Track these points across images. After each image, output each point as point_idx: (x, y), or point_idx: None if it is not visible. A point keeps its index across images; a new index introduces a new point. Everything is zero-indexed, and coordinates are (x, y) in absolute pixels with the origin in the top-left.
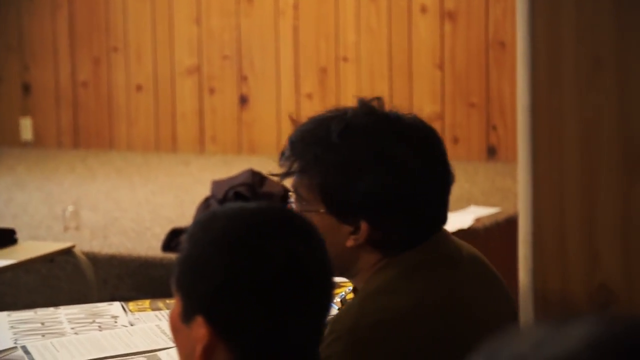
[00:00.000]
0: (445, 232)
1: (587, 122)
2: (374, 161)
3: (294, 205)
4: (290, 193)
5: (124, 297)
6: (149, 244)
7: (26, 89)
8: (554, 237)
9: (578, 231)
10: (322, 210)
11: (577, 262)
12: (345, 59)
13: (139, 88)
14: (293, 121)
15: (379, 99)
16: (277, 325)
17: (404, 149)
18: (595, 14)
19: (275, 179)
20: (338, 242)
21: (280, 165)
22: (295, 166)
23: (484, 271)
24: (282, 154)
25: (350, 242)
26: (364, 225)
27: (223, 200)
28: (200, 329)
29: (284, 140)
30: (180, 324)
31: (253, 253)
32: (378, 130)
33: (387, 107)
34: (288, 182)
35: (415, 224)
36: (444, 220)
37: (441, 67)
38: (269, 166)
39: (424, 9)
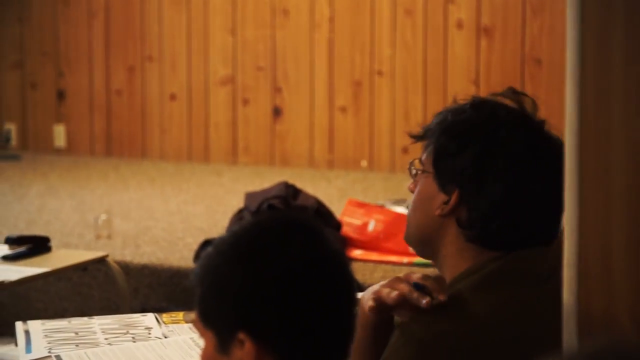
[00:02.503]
0: (553, 247)
1: (635, 144)
2: (484, 137)
3: (413, 169)
4: (415, 160)
5: (155, 307)
6: (180, 254)
7: (60, 95)
8: (599, 259)
9: (624, 254)
10: (430, 172)
11: (623, 286)
12: (380, 73)
13: (172, 97)
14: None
15: (533, 100)
16: (313, 326)
17: (517, 141)
18: None
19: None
20: (430, 208)
21: (420, 130)
22: (428, 130)
23: None
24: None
25: (438, 210)
26: (454, 196)
27: (257, 212)
28: (244, 345)
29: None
30: (219, 356)
31: (268, 253)
32: (504, 115)
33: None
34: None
35: (505, 220)
36: (542, 233)
37: (476, 82)
38: (301, 178)
39: (460, 24)
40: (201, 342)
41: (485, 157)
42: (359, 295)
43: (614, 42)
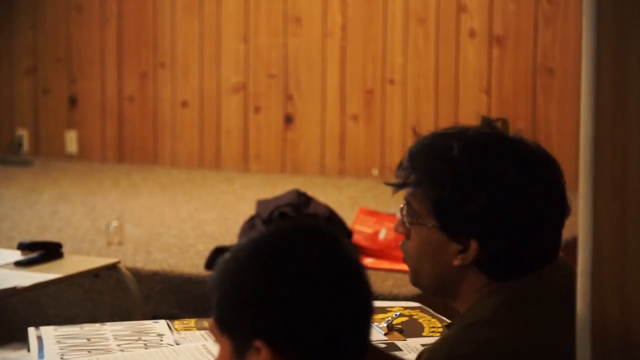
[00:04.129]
0: (561, 264)
1: None
2: (492, 180)
3: (403, 217)
4: (402, 205)
5: (166, 313)
6: (192, 261)
7: (72, 101)
8: (613, 269)
9: (639, 264)
10: (432, 225)
11: (638, 296)
12: (391, 81)
13: (184, 104)
14: (415, 134)
15: (504, 120)
16: (329, 335)
17: (523, 173)
18: None
19: (392, 189)
20: (445, 259)
21: (396, 176)
22: (412, 178)
23: None
24: (400, 164)
25: (457, 261)
26: (473, 245)
27: (268, 220)
28: (260, 353)
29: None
30: None
31: (287, 261)
32: (499, 150)
33: (518, 132)
34: (401, 194)
35: (525, 251)
36: (555, 251)
37: (488, 92)
38: (312, 186)
39: (472, 33)
40: (213, 350)
41: (497, 200)
42: None
43: (630, 52)
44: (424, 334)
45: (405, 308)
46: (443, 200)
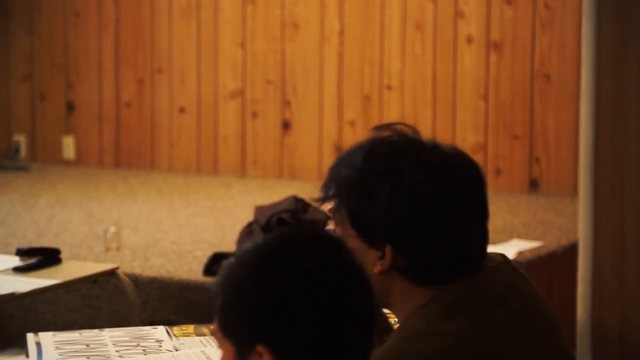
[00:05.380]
0: (496, 267)
1: None
2: (387, 184)
3: (335, 232)
4: (329, 220)
5: (164, 319)
6: (189, 267)
7: (70, 107)
8: (613, 275)
9: (638, 270)
10: (352, 234)
11: (637, 302)
12: (389, 87)
13: (182, 110)
14: (337, 150)
15: (414, 128)
16: (332, 340)
17: (420, 174)
18: None
19: (315, 204)
20: (369, 268)
21: (320, 191)
22: (331, 191)
23: (533, 311)
24: (325, 180)
25: (377, 268)
26: (388, 250)
27: (266, 226)
28: (263, 358)
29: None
30: None
31: (291, 267)
32: (399, 154)
33: (430, 137)
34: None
35: (442, 253)
36: (479, 253)
37: (485, 97)
38: (310, 192)
39: (469, 39)
40: (213, 356)
41: (398, 200)
42: None
43: (629, 59)
44: None
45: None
46: (353, 208)
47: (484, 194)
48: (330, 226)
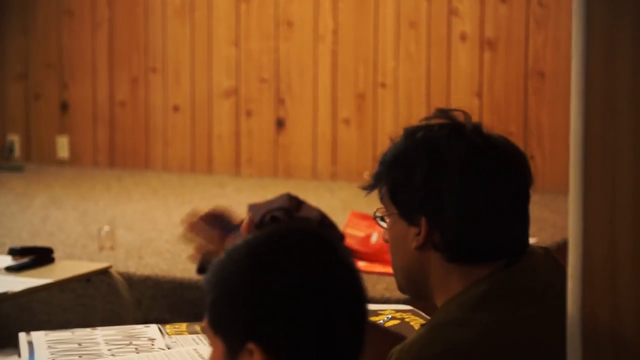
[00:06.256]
0: (538, 257)
1: None
2: (424, 159)
3: (379, 219)
4: (377, 209)
5: (158, 318)
6: (184, 266)
7: (64, 107)
8: (604, 272)
9: (630, 267)
10: (394, 212)
11: (628, 299)
12: (383, 85)
13: (176, 109)
14: (391, 140)
15: (465, 113)
16: (323, 338)
17: (462, 150)
18: None
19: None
20: (408, 246)
21: (370, 180)
22: (376, 176)
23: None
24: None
25: (414, 243)
26: (422, 224)
27: (260, 224)
28: (254, 355)
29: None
30: None
31: (283, 264)
32: (439, 131)
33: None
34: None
35: (475, 230)
36: (517, 239)
37: (479, 95)
38: (304, 190)
39: (463, 37)
40: (205, 354)
41: (434, 175)
42: None
43: (620, 54)
44: None
45: (397, 311)
46: (393, 184)
47: (527, 181)
48: (378, 213)
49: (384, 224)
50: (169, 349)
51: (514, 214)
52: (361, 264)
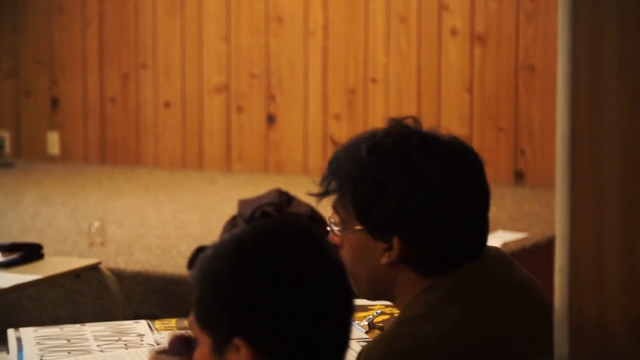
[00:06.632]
0: (494, 256)
1: (628, 150)
2: (398, 176)
3: (332, 227)
4: (330, 214)
5: (148, 314)
6: (174, 262)
7: (54, 103)
8: (591, 266)
9: (617, 261)
10: (357, 228)
11: (616, 293)
12: (373, 80)
13: (166, 105)
14: (334, 143)
15: (415, 118)
16: (309, 333)
17: (432, 165)
18: (638, 42)
19: (313, 199)
20: (374, 260)
21: (320, 186)
22: (332, 185)
23: (531, 300)
24: (323, 174)
25: (384, 260)
26: (396, 241)
27: (250, 219)
28: (240, 351)
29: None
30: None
31: (269, 259)
32: (406, 146)
33: (434, 128)
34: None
35: (449, 243)
36: (482, 242)
37: (470, 90)
38: (295, 185)
39: (454, 32)
40: None
41: (409, 193)
42: None
43: (606, 49)
44: None
45: (387, 306)
46: (361, 201)
47: (487, 182)
48: (332, 219)
49: (337, 231)
50: (158, 344)
51: (481, 220)
52: None
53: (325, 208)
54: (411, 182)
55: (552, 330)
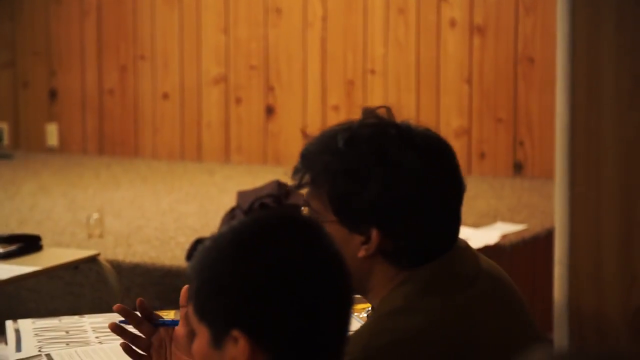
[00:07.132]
0: (464, 248)
1: (626, 141)
2: (378, 168)
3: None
4: (303, 207)
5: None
6: (172, 253)
7: (52, 94)
8: (590, 258)
9: (615, 253)
10: (332, 220)
11: (613, 285)
12: (372, 72)
13: (165, 96)
14: (305, 135)
15: (387, 108)
16: (308, 326)
17: (410, 156)
18: (636, 33)
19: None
20: (350, 253)
21: (293, 179)
22: (306, 177)
23: (502, 290)
24: (295, 167)
25: (361, 252)
26: (374, 234)
27: (249, 211)
28: (238, 342)
29: None
30: (212, 351)
31: (267, 251)
32: (383, 137)
33: (407, 119)
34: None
35: (427, 235)
36: (455, 233)
37: (469, 81)
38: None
39: (453, 23)
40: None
41: (392, 183)
42: None
43: (604, 40)
44: None
45: None
46: (337, 193)
47: (461, 174)
48: (305, 212)
49: None
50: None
51: (456, 213)
52: None
53: None
54: (391, 174)
55: (523, 319)
